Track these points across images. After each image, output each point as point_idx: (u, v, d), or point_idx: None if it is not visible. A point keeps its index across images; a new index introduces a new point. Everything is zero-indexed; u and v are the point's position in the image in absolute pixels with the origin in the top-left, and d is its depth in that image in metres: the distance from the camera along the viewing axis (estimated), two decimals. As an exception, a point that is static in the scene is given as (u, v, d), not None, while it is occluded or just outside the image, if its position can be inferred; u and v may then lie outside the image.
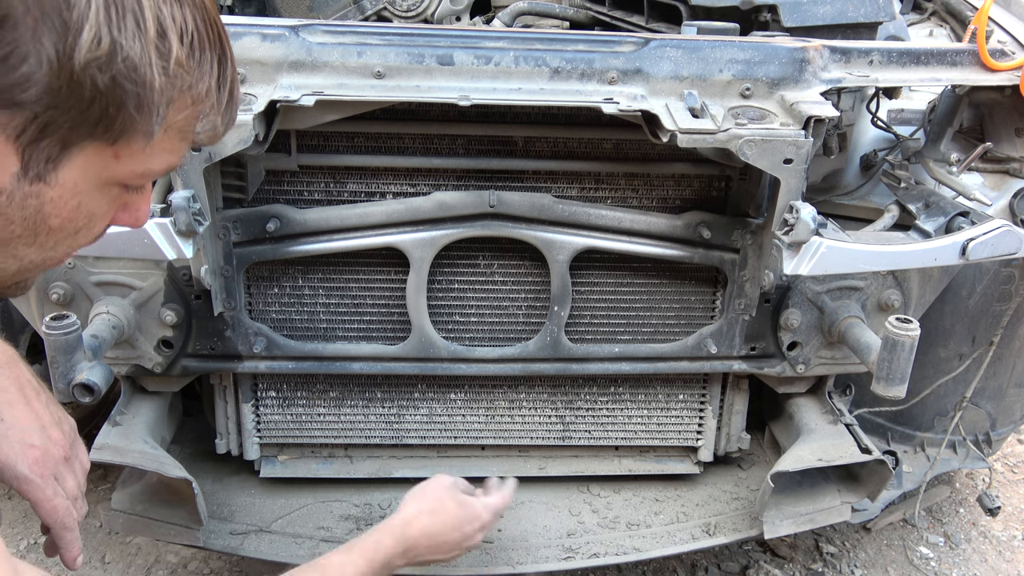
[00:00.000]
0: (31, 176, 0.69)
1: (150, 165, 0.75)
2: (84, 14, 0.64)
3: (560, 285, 1.61)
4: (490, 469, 1.88)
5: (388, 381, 1.78)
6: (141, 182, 0.80)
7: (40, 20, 0.63)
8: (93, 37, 0.65)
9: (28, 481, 1.09)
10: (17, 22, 0.62)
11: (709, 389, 1.84)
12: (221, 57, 0.76)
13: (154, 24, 0.68)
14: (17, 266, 0.77)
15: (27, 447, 1.10)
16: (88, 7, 0.65)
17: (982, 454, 2.12)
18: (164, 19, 0.69)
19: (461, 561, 1.67)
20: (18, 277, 0.81)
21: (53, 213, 0.73)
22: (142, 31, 0.68)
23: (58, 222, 0.74)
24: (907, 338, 1.40)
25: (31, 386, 1.14)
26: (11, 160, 0.67)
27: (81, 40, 0.64)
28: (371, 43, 1.39)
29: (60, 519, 1.13)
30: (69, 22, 0.64)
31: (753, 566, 2.25)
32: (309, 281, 1.64)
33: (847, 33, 1.74)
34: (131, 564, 2.17)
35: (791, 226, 1.37)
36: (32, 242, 0.75)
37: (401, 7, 2.55)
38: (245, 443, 1.80)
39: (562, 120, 1.56)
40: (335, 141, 1.55)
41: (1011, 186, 1.74)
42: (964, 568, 2.35)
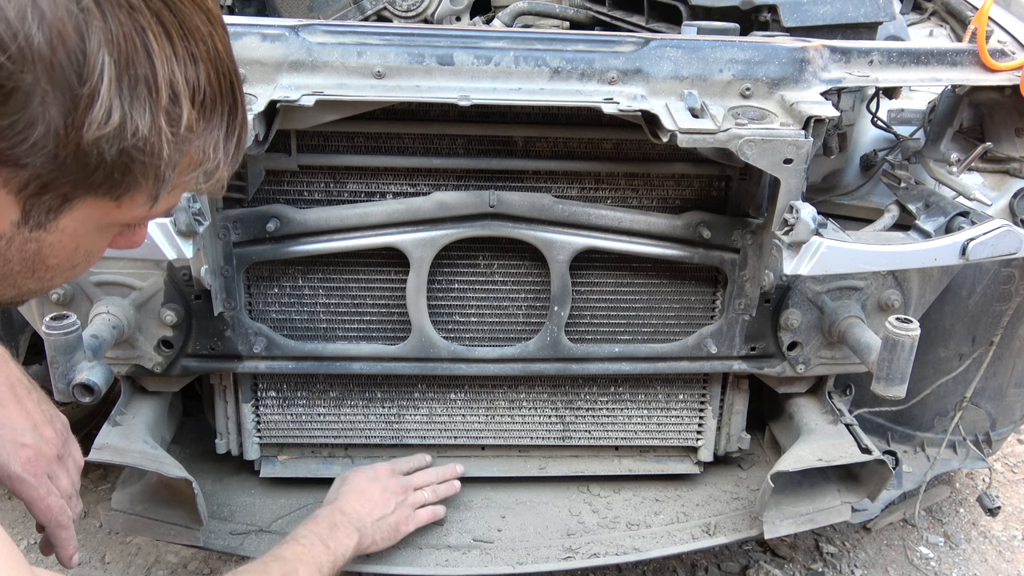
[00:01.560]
0: (31, 224, 0.69)
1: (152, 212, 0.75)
2: (96, 88, 0.63)
3: (560, 285, 1.61)
4: (490, 469, 1.88)
5: (388, 381, 1.78)
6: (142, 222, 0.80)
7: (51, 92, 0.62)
8: (104, 112, 0.64)
9: (21, 480, 1.10)
10: (28, 94, 0.61)
11: (709, 389, 1.84)
12: (232, 107, 0.75)
13: (166, 90, 0.67)
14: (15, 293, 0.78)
15: (19, 446, 1.10)
16: (100, 80, 0.63)
17: (982, 454, 2.12)
18: (177, 83, 0.68)
19: (461, 561, 1.67)
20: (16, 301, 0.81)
21: (51, 254, 0.73)
22: (153, 99, 0.66)
23: (56, 261, 0.75)
24: (907, 338, 1.40)
25: (22, 384, 1.14)
26: (12, 210, 0.67)
27: (91, 115, 0.63)
28: (371, 43, 1.39)
29: (54, 518, 1.13)
30: (80, 95, 0.63)
31: (753, 566, 2.25)
32: (309, 281, 1.64)
33: (847, 33, 1.74)
34: (131, 564, 2.17)
35: (791, 226, 1.37)
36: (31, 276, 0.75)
37: (401, 7, 2.55)
38: (245, 443, 1.80)
39: (562, 120, 1.56)
40: (335, 141, 1.55)
41: (1011, 186, 1.74)
42: (964, 568, 2.35)
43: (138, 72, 0.65)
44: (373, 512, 1.56)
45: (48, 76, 0.61)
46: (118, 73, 0.64)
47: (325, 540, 1.41)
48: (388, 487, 1.62)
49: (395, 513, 1.60)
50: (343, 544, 1.44)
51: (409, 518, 1.63)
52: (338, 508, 1.52)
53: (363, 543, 1.51)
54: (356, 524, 1.50)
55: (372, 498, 1.58)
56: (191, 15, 0.69)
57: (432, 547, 1.70)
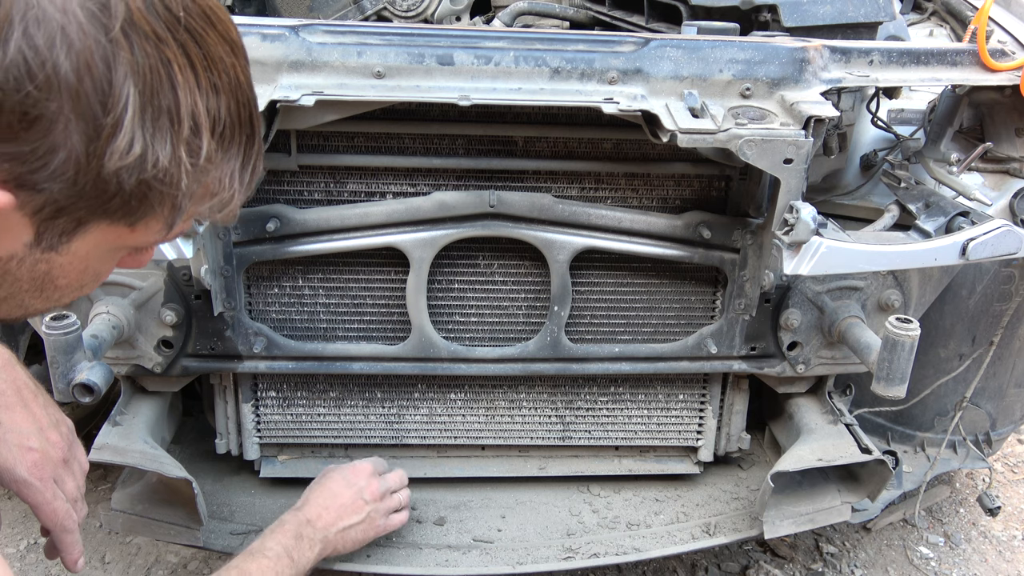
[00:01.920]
0: (43, 246, 0.69)
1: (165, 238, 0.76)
2: (120, 119, 0.63)
3: (560, 285, 1.61)
4: (490, 469, 1.88)
5: (388, 381, 1.78)
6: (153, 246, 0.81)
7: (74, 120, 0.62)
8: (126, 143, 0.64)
9: (27, 485, 1.09)
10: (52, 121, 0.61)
11: (709, 389, 1.84)
12: (249, 137, 0.75)
13: (188, 121, 0.67)
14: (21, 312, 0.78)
15: (26, 450, 1.10)
16: (124, 111, 0.63)
17: (982, 454, 2.12)
18: (199, 114, 0.68)
19: (461, 561, 1.67)
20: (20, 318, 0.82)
21: (61, 275, 0.74)
22: (175, 130, 0.67)
23: (65, 282, 0.75)
24: (907, 338, 1.40)
25: (28, 388, 1.14)
26: (25, 231, 0.67)
27: (113, 145, 0.64)
28: (371, 43, 1.39)
29: (60, 522, 1.13)
30: (104, 125, 0.63)
31: (753, 566, 2.25)
32: (309, 281, 1.64)
33: (847, 33, 1.74)
34: (131, 564, 2.17)
35: (791, 226, 1.37)
36: (39, 296, 0.76)
37: (401, 7, 2.55)
38: (245, 443, 1.80)
39: (562, 120, 1.56)
40: (335, 141, 1.55)
41: (1011, 186, 1.74)
42: (964, 568, 2.35)
43: (162, 103, 0.65)
44: (340, 521, 1.52)
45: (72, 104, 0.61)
46: (142, 104, 0.64)
47: (290, 552, 1.40)
48: (364, 493, 1.57)
49: (365, 521, 1.56)
50: (306, 556, 1.43)
51: (381, 526, 1.60)
52: (305, 517, 1.49)
53: (325, 552, 1.50)
54: (321, 535, 1.48)
55: (343, 505, 1.54)
56: (216, 46, 0.70)
57: (432, 547, 1.70)
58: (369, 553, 1.67)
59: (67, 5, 0.60)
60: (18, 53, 0.59)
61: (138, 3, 0.64)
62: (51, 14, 0.60)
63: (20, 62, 0.59)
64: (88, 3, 0.61)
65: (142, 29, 0.64)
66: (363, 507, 1.56)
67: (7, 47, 0.58)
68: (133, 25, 0.63)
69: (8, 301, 0.75)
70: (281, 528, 1.45)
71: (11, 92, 0.59)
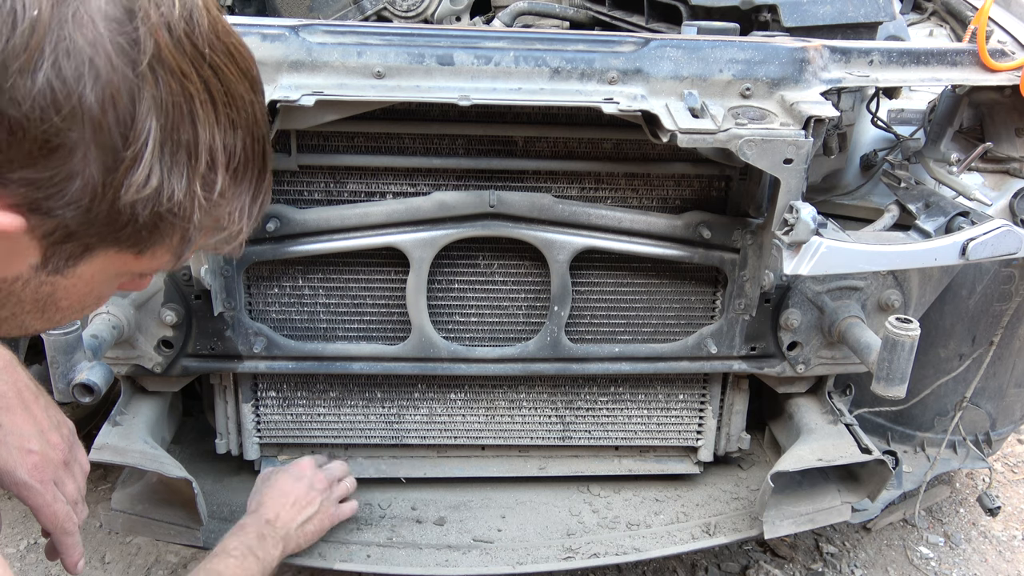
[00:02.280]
0: (49, 269, 0.69)
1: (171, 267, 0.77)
2: (140, 152, 0.64)
3: (560, 285, 1.61)
4: (490, 469, 1.88)
5: (388, 381, 1.78)
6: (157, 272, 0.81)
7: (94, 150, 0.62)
8: (144, 177, 0.64)
9: (28, 487, 1.09)
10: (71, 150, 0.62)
11: (709, 389, 1.84)
12: (260, 171, 0.76)
13: (205, 156, 0.68)
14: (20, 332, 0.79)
15: (26, 452, 1.09)
16: (145, 145, 0.64)
17: (982, 454, 2.12)
18: (216, 149, 0.69)
19: (461, 561, 1.67)
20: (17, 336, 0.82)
21: (64, 297, 0.74)
22: (192, 165, 0.67)
23: (67, 303, 0.75)
24: (907, 338, 1.40)
25: (29, 390, 1.14)
26: (33, 253, 0.67)
27: (131, 178, 0.64)
28: (371, 43, 1.38)
29: (60, 524, 1.13)
30: (123, 158, 0.63)
31: (753, 566, 2.25)
32: (309, 281, 1.64)
33: (847, 33, 1.74)
34: (131, 564, 2.17)
35: (791, 226, 1.37)
36: (39, 316, 0.76)
37: (401, 7, 2.55)
38: (245, 443, 1.80)
39: (562, 120, 1.56)
40: (335, 141, 1.55)
41: (1011, 186, 1.74)
42: (964, 568, 2.35)
43: (181, 138, 0.66)
44: (298, 516, 1.56)
45: (94, 135, 0.62)
46: (162, 138, 0.64)
47: (255, 551, 1.42)
48: (313, 484, 1.62)
49: (319, 512, 1.60)
50: (271, 554, 1.46)
51: (334, 514, 1.64)
52: (264, 518, 1.52)
53: (287, 549, 1.53)
54: (282, 533, 1.51)
55: (296, 500, 1.58)
56: (237, 83, 0.70)
57: (432, 547, 1.70)
58: (369, 553, 1.67)
59: (97, 38, 0.61)
60: (46, 84, 0.59)
61: (167, 39, 0.64)
62: (81, 46, 0.60)
63: (47, 92, 0.59)
64: (119, 37, 0.62)
65: (169, 65, 0.64)
66: (316, 498, 1.60)
67: (36, 76, 0.59)
68: (161, 61, 0.64)
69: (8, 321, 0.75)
70: (242, 530, 1.47)
71: (36, 121, 0.60)
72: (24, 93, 0.59)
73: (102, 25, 0.61)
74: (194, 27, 0.66)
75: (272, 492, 1.59)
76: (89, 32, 0.60)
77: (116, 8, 0.62)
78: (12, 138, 0.60)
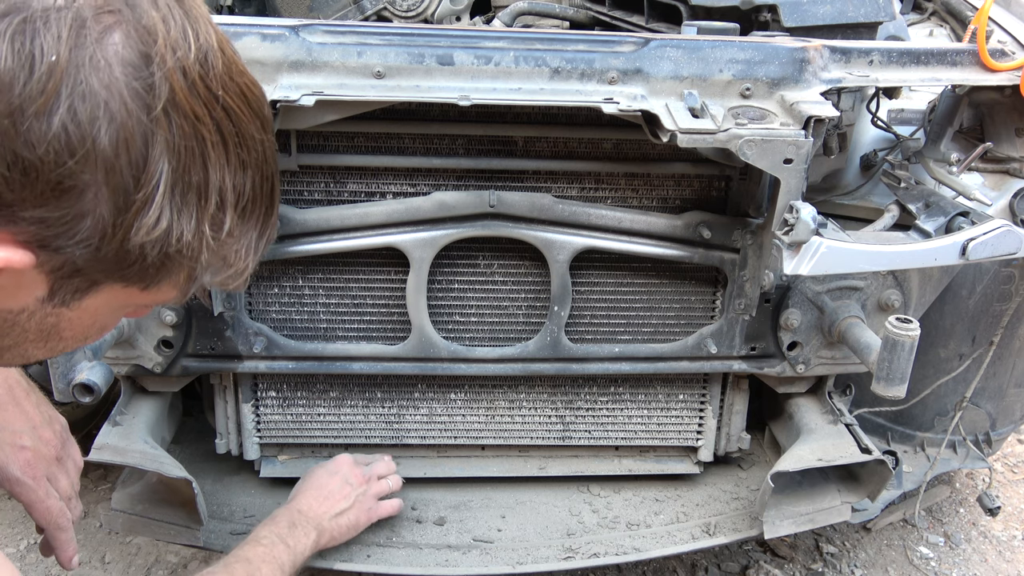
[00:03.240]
0: (55, 302, 0.70)
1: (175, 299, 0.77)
2: (151, 195, 0.64)
3: (560, 285, 1.61)
4: (490, 469, 1.88)
5: (388, 381, 1.78)
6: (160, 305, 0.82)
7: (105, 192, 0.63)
8: (154, 220, 0.65)
9: (20, 483, 1.10)
10: (83, 191, 0.62)
11: (709, 389, 1.84)
12: (268, 208, 0.76)
13: (215, 197, 0.68)
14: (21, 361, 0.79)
15: (18, 449, 1.10)
16: (156, 188, 0.64)
17: (982, 454, 2.12)
18: (226, 190, 0.69)
19: (461, 561, 1.67)
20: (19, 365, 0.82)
21: (68, 328, 0.75)
22: (201, 206, 0.68)
23: (71, 334, 0.76)
24: (907, 338, 1.40)
25: (21, 387, 1.15)
26: (40, 287, 0.68)
27: (141, 220, 0.64)
28: (371, 43, 1.38)
29: (54, 520, 1.13)
30: (134, 200, 0.64)
31: (753, 566, 2.25)
32: (309, 281, 1.64)
33: (847, 33, 1.74)
34: (131, 564, 2.17)
35: (791, 226, 1.37)
36: (42, 346, 0.76)
37: (401, 7, 2.55)
38: (245, 443, 1.80)
39: (562, 120, 1.56)
40: (335, 141, 1.55)
41: (1011, 186, 1.74)
42: (964, 568, 2.35)
43: (192, 180, 0.66)
44: (331, 509, 1.55)
45: (106, 177, 0.62)
46: (173, 181, 0.65)
47: (285, 539, 1.41)
48: (348, 479, 1.61)
49: (354, 507, 1.58)
50: (302, 543, 1.45)
51: (371, 511, 1.62)
52: (296, 507, 1.52)
53: (321, 540, 1.51)
54: (314, 523, 1.50)
55: (330, 493, 1.57)
56: (248, 123, 0.70)
57: (432, 547, 1.70)
58: (369, 553, 1.67)
59: (113, 83, 0.61)
60: (61, 128, 0.59)
61: (181, 83, 0.64)
62: (97, 90, 0.60)
63: (62, 136, 0.60)
64: (134, 82, 0.62)
65: (182, 109, 0.64)
66: (350, 492, 1.59)
67: (51, 120, 0.59)
68: (175, 105, 0.64)
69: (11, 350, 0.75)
70: (272, 520, 1.46)
71: (50, 164, 0.60)
72: (39, 136, 0.59)
73: (118, 70, 0.61)
74: (208, 69, 0.66)
75: (306, 485, 1.59)
76: (105, 76, 0.61)
77: (132, 53, 0.62)
78: (26, 179, 0.60)
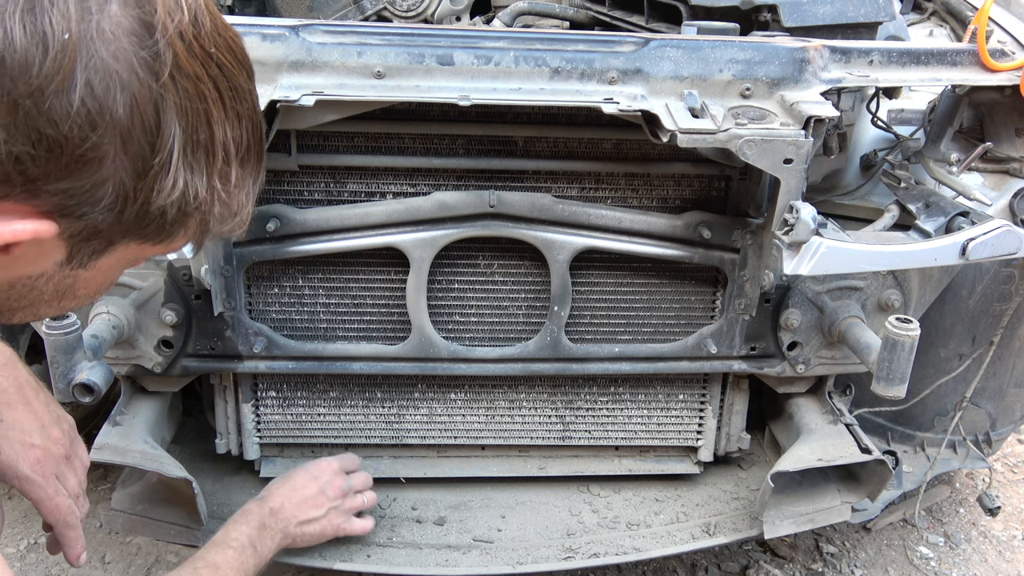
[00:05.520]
0: (73, 265, 0.72)
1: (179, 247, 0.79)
2: (167, 159, 0.67)
3: (560, 285, 1.61)
4: (490, 469, 1.88)
5: (388, 381, 1.78)
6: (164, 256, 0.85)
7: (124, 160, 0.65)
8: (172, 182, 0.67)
9: (30, 481, 1.11)
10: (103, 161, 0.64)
11: (709, 389, 1.84)
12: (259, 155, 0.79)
13: (221, 152, 0.71)
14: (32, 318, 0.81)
15: (28, 447, 1.11)
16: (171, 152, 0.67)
17: (982, 454, 2.12)
18: (228, 145, 0.72)
19: (461, 561, 1.67)
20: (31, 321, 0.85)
21: (82, 287, 0.77)
22: (210, 162, 0.71)
23: (84, 292, 0.79)
24: (907, 338, 1.40)
25: (30, 386, 1.16)
26: (59, 252, 0.70)
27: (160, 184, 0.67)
28: (371, 43, 1.39)
29: (63, 517, 1.14)
30: (152, 165, 0.66)
31: (753, 566, 2.25)
32: (309, 281, 1.64)
33: (847, 33, 1.74)
34: (131, 564, 2.17)
35: (791, 226, 1.37)
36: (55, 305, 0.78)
37: (401, 7, 2.55)
38: (245, 443, 1.80)
39: (562, 120, 1.56)
40: (335, 141, 1.55)
41: (1011, 186, 1.74)
42: (964, 568, 2.35)
43: (200, 139, 0.69)
44: (302, 515, 1.54)
45: (123, 145, 0.64)
46: (185, 142, 0.67)
47: (254, 543, 1.42)
48: (326, 489, 1.59)
49: (324, 518, 1.57)
50: (268, 546, 1.45)
51: (340, 526, 1.60)
52: (269, 506, 1.51)
53: (283, 543, 1.52)
54: (282, 526, 1.51)
55: (305, 499, 1.56)
56: (237, 75, 0.73)
57: (432, 547, 1.70)
58: (369, 553, 1.67)
59: (121, 53, 0.63)
60: (81, 104, 0.61)
61: (181, 47, 0.66)
62: (108, 62, 0.62)
63: (83, 111, 0.61)
64: (141, 51, 0.64)
65: (185, 71, 0.67)
66: (324, 503, 1.58)
67: (71, 96, 0.61)
68: (179, 69, 0.66)
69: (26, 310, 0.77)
70: (245, 518, 1.46)
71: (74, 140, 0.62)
72: (62, 114, 0.61)
73: (125, 41, 0.63)
74: (200, 29, 0.68)
75: (284, 483, 1.59)
76: (113, 48, 0.62)
77: (133, 22, 0.64)
78: (51, 155, 0.62)
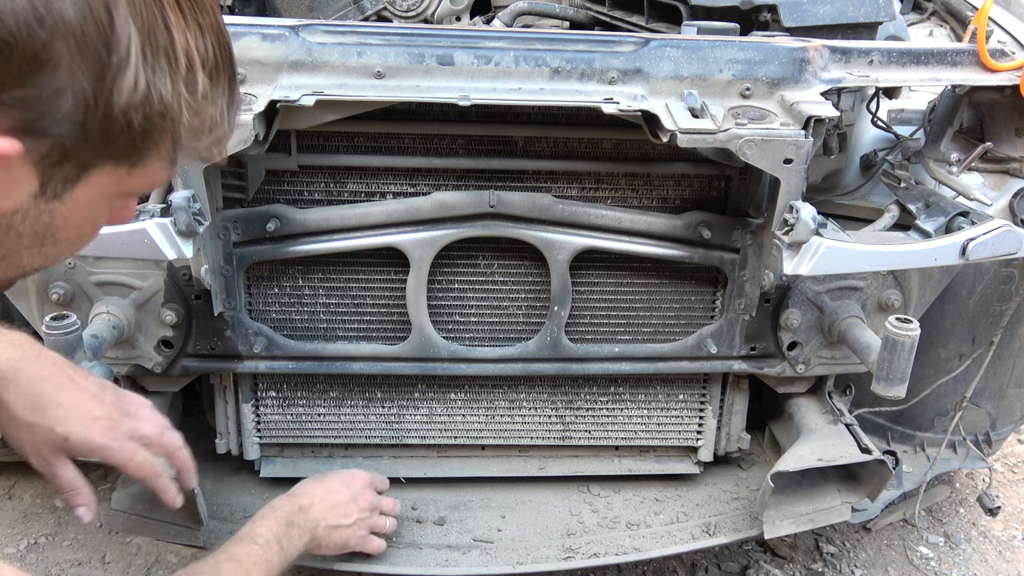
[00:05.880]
0: (47, 195, 0.71)
1: (158, 178, 0.78)
2: (124, 59, 0.66)
3: (560, 285, 1.61)
4: (490, 469, 1.88)
5: (388, 381, 1.78)
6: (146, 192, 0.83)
7: (80, 63, 0.64)
8: (132, 82, 0.67)
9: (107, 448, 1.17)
10: (58, 64, 0.63)
11: (709, 389, 1.84)
12: (230, 77, 0.79)
13: (184, 59, 0.70)
14: (17, 272, 0.80)
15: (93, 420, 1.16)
16: (128, 51, 0.66)
17: (982, 454, 2.12)
18: (192, 53, 0.71)
19: (461, 561, 1.67)
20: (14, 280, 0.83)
21: (62, 227, 0.75)
22: (173, 68, 0.70)
23: (65, 235, 0.77)
24: (907, 338, 1.40)
25: (69, 366, 1.20)
26: (31, 181, 0.69)
27: (120, 84, 0.66)
28: (371, 43, 1.39)
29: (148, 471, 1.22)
30: (109, 65, 0.65)
31: (753, 566, 2.25)
32: (309, 281, 1.64)
33: (847, 33, 1.74)
34: (131, 564, 2.17)
35: (791, 226, 1.37)
36: (37, 252, 0.77)
37: (401, 7, 2.55)
38: (245, 443, 1.80)
39: (562, 120, 1.56)
40: (335, 141, 1.55)
41: (1011, 186, 1.74)
42: (964, 568, 2.35)
43: (159, 42, 0.68)
44: (331, 519, 1.52)
45: (78, 47, 0.64)
46: (142, 43, 0.67)
47: (280, 540, 1.40)
48: (358, 499, 1.57)
49: (351, 527, 1.55)
50: (295, 545, 1.43)
51: (362, 540, 1.59)
52: (299, 505, 1.50)
53: (310, 545, 1.49)
54: (311, 526, 1.48)
55: (337, 503, 1.54)
56: None
57: (432, 547, 1.70)
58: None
59: None
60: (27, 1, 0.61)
61: None
62: None
63: (29, 8, 0.61)
64: None
65: None
66: (354, 512, 1.56)
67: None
68: None
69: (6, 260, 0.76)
70: (273, 513, 1.45)
71: (23, 38, 0.61)
72: (8, 10, 0.60)
73: None
74: None
75: (317, 484, 1.57)
76: None
77: None
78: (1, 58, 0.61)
